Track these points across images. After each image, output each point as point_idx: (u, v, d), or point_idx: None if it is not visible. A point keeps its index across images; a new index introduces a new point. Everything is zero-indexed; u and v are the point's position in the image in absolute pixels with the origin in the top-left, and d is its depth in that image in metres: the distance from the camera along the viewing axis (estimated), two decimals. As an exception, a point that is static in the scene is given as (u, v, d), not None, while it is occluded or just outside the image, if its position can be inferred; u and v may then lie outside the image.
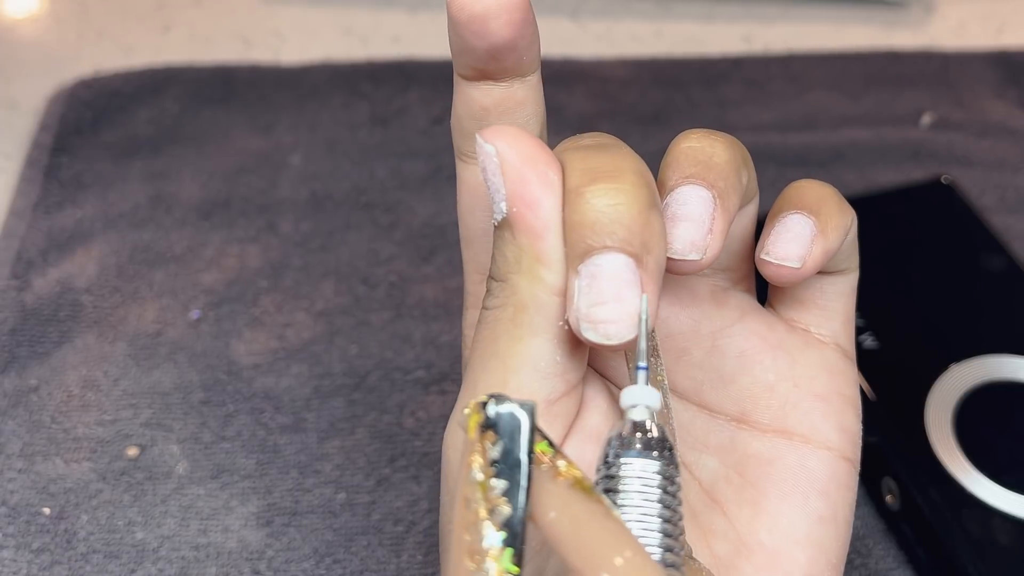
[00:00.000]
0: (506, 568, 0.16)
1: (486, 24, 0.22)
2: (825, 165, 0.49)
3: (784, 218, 0.24)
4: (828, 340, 0.26)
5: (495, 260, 0.22)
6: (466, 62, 0.23)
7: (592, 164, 0.21)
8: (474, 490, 0.17)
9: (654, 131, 0.51)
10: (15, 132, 0.51)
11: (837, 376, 0.25)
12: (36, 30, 0.58)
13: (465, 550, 0.16)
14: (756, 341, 0.25)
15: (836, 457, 0.25)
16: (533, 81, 0.24)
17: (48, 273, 0.44)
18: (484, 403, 0.17)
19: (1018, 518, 0.32)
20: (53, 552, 0.35)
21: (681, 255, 0.22)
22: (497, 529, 0.16)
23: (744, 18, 0.59)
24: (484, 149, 0.21)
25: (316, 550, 0.35)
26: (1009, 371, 0.36)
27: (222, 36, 0.57)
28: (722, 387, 0.25)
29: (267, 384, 0.40)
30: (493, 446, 0.17)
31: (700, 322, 0.25)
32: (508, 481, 0.17)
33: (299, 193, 0.47)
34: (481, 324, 0.22)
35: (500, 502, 0.17)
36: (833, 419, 0.25)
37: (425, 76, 0.53)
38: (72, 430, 0.38)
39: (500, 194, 0.21)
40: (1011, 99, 0.53)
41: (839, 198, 0.25)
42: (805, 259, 0.23)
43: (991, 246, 0.41)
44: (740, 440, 0.25)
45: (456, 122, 0.25)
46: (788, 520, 0.24)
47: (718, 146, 0.23)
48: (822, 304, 0.26)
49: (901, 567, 0.35)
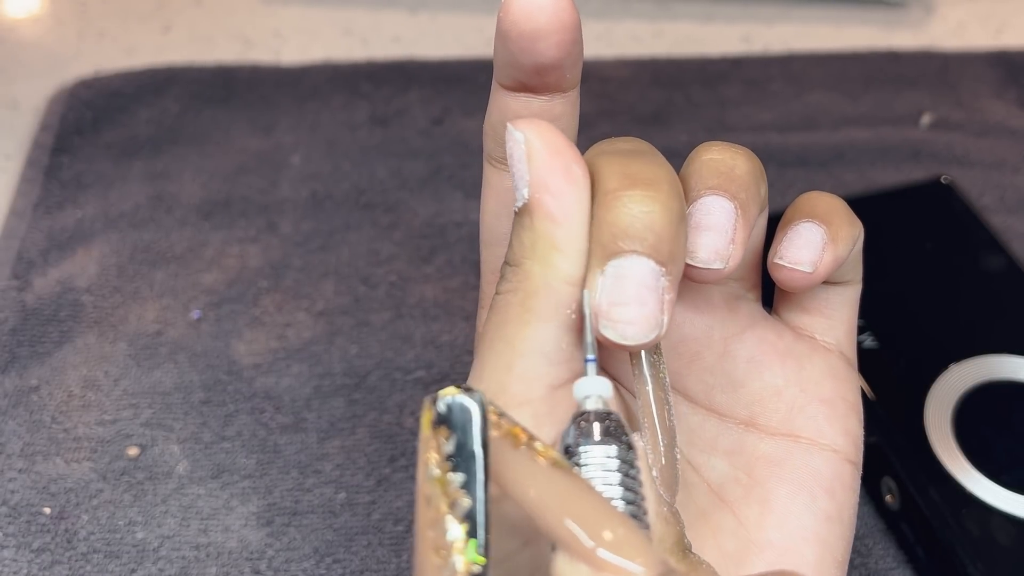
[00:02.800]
0: (472, 559, 0.16)
1: (536, 43, 0.22)
2: (825, 165, 0.49)
3: (797, 225, 0.25)
4: (833, 347, 0.26)
5: (511, 246, 0.22)
6: (509, 74, 0.24)
7: (632, 170, 0.22)
8: (433, 486, 0.17)
9: (654, 131, 0.51)
10: (16, 132, 0.51)
11: (841, 382, 0.26)
12: (37, 30, 0.58)
13: (430, 546, 0.17)
14: (766, 347, 0.26)
15: (841, 459, 0.25)
16: (572, 97, 0.25)
17: (49, 273, 0.44)
18: (435, 399, 0.18)
19: (1017, 517, 0.32)
20: (54, 552, 0.35)
21: (705, 263, 0.23)
22: (459, 522, 0.17)
23: (744, 18, 0.59)
24: (514, 136, 0.22)
25: (316, 550, 0.35)
26: (1008, 371, 0.36)
27: (222, 36, 0.57)
28: (732, 391, 0.26)
29: (267, 384, 0.40)
30: (447, 441, 0.17)
31: (713, 328, 0.26)
32: (465, 473, 0.17)
33: (299, 193, 0.48)
34: (492, 309, 0.22)
35: (459, 495, 0.17)
36: (838, 423, 0.25)
37: (425, 76, 0.53)
38: (73, 430, 0.38)
39: (523, 180, 0.22)
40: (1011, 99, 0.53)
41: (848, 210, 0.26)
42: (817, 264, 0.24)
43: (991, 246, 0.41)
44: (748, 443, 0.25)
45: (489, 128, 0.25)
46: (796, 519, 0.24)
47: (739, 158, 0.24)
48: (827, 313, 0.26)
49: (901, 567, 0.35)
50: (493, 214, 0.26)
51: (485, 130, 0.26)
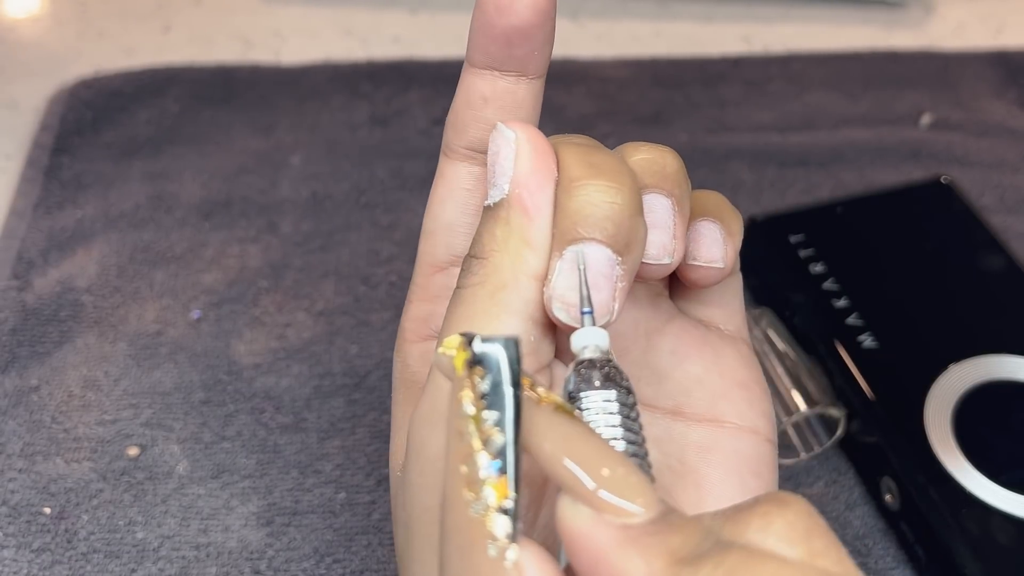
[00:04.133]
0: (505, 493, 0.17)
1: (514, 2, 0.23)
2: (825, 165, 0.49)
3: (696, 225, 0.25)
4: (736, 335, 0.27)
5: (480, 239, 0.23)
6: (481, 43, 0.25)
7: (595, 160, 0.23)
8: (467, 423, 0.18)
9: (654, 131, 0.51)
10: (16, 132, 0.51)
11: (752, 367, 0.27)
12: (37, 30, 0.58)
13: (463, 481, 0.17)
14: (685, 339, 0.27)
15: (762, 440, 0.26)
16: (536, 87, 0.25)
17: (49, 273, 0.44)
18: (470, 340, 0.18)
19: (1017, 517, 0.32)
20: (54, 552, 0.35)
21: (655, 259, 0.24)
22: (492, 458, 0.17)
23: (743, 18, 0.59)
24: (505, 134, 0.23)
25: (316, 549, 0.35)
26: (1008, 370, 0.36)
27: (222, 36, 0.57)
28: (657, 383, 0.26)
29: (267, 384, 0.40)
30: (482, 380, 0.18)
31: (639, 323, 0.26)
32: (498, 412, 0.18)
33: (299, 193, 0.48)
34: (457, 302, 0.23)
35: (493, 432, 0.17)
36: (757, 405, 0.26)
37: (425, 76, 0.53)
38: (73, 430, 0.38)
39: (505, 176, 0.23)
40: (1010, 99, 0.53)
41: (730, 203, 0.27)
42: (725, 259, 0.25)
43: (990, 246, 0.41)
44: (676, 431, 0.26)
45: (453, 115, 0.26)
46: (731, 501, 0.25)
47: (668, 157, 0.25)
48: (724, 304, 0.27)
49: (900, 566, 0.35)
50: (439, 201, 0.27)
51: (448, 119, 0.26)
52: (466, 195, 0.26)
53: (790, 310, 0.39)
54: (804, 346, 0.38)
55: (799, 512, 0.17)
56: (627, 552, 0.17)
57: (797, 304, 0.39)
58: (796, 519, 0.17)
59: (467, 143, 0.26)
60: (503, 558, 0.17)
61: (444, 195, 0.27)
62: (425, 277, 0.28)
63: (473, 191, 0.26)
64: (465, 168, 0.26)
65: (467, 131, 0.26)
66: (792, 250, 0.41)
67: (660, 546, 0.17)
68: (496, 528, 0.17)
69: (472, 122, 0.25)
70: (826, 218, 0.42)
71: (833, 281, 0.39)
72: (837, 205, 0.43)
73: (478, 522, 0.17)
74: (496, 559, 0.17)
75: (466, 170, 0.26)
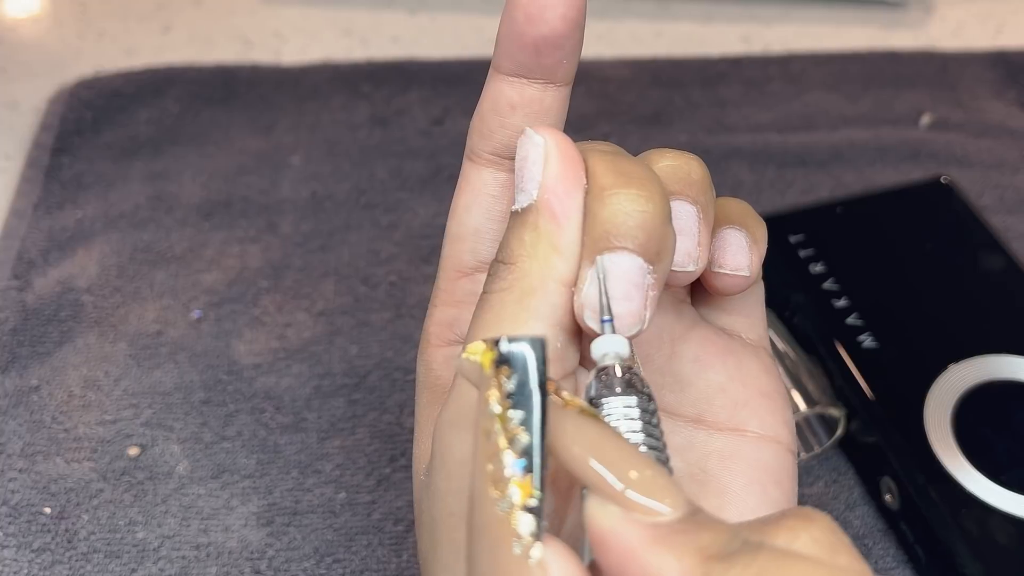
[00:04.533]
0: (529, 492, 0.17)
1: (544, 11, 0.23)
2: (824, 165, 0.49)
3: (722, 233, 0.25)
4: (757, 343, 0.27)
5: (507, 245, 0.23)
6: (509, 51, 0.24)
7: (624, 168, 0.23)
8: (493, 422, 0.18)
9: (654, 131, 0.51)
10: (16, 132, 0.51)
11: (773, 376, 0.27)
12: (37, 30, 0.58)
13: (489, 479, 0.17)
14: (708, 347, 0.27)
15: (784, 450, 0.26)
16: (563, 95, 0.25)
17: (49, 273, 0.44)
18: (496, 341, 0.18)
19: (1017, 517, 0.32)
20: (54, 552, 0.35)
21: (681, 267, 0.24)
22: (517, 457, 0.17)
23: (743, 18, 0.59)
24: (533, 139, 0.23)
25: (317, 549, 0.35)
26: (1008, 371, 0.36)
27: (222, 36, 0.57)
28: (680, 390, 0.26)
29: (268, 384, 0.40)
30: (508, 380, 0.18)
31: (663, 330, 0.26)
32: (524, 411, 0.18)
33: (299, 193, 0.48)
34: (484, 307, 0.23)
35: (518, 431, 0.18)
36: (779, 415, 0.26)
37: (425, 76, 0.53)
38: (73, 430, 0.38)
39: (534, 182, 0.22)
40: (1010, 99, 0.53)
41: (754, 211, 0.27)
42: (751, 267, 0.25)
43: (990, 246, 0.41)
44: (698, 439, 0.26)
45: (478, 119, 0.26)
46: (753, 511, 0.25)
47: (693, 164, 0.25)
48: (747, 312, 0.27)
49: (900, 566, 0.35)
50: (465, 207, 0.27)
51: (473, 123, 0.26)
52: (492, 201, 0.26)
53: (790, 310, 0.39)
54: (804, 346, 0.38)
55: (824, 528, 0.17)
56: (658, 550, 0.17)
57: (797, 304, 0.39)
58: (822, 535, 0.17)
59: (493, 148, 0.26)
60: (527, 556, 0.17)
61: (469, 200, 0.26)
62: (449, 282, 0.27)
63: (499, 197, 0.26)
64: (491, 174, 0.26)
65: (493, 137, 0.25)
66: (792, 250, 0.41)
67: (691, 544, 0.17)
68: (521, 526, 0.17)
69: (498, 128, 0.25)
70: (826, 218, 0.42)
71: (833, 281, 0.39)
72: (837, 205, 0.43)
73: (503, 520, 0.17)
74: (521, 557, 0.17)
75: (491, 176, 0.26)
